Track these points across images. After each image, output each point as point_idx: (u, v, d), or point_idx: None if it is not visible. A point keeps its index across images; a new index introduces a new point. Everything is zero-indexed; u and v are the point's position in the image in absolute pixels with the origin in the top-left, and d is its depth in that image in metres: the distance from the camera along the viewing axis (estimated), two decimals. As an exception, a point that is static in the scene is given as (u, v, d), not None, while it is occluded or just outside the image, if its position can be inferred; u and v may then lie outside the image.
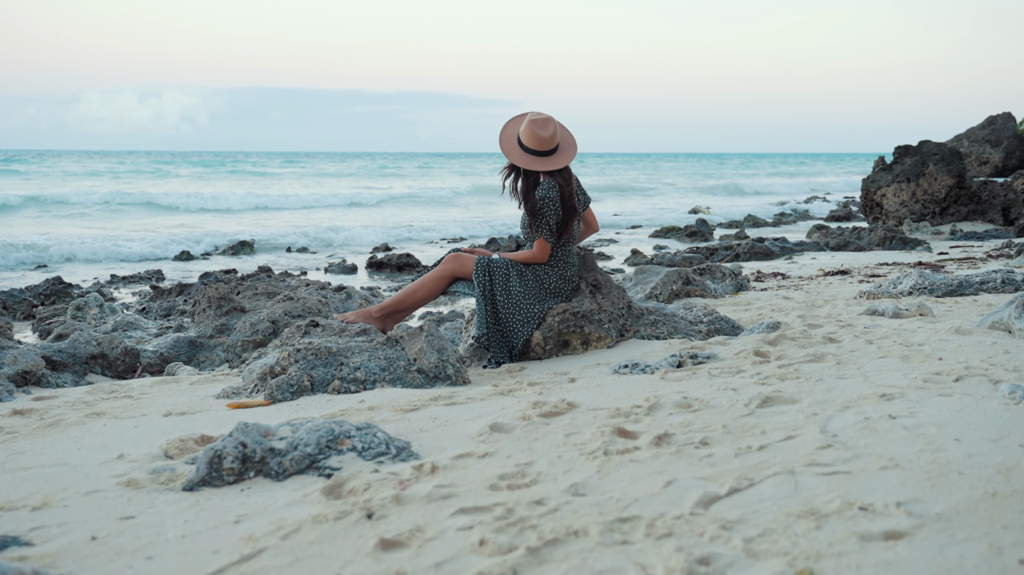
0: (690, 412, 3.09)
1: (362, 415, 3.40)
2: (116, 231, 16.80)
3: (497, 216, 22.02)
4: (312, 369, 4.09)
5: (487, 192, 32.10)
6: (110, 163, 54.66)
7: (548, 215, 4.73)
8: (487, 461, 2.60)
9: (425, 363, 4.12)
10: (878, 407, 2.98)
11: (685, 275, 7.09)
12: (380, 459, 2.69)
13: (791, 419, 2.89)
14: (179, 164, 56.16)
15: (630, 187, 38.35)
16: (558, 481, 2.34)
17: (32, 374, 4.63)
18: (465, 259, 4.85)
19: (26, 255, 12.76)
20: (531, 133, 4.77)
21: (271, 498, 2.41)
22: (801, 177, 51.87)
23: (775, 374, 3.69)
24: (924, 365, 3.71)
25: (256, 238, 15.49)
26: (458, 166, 69.40)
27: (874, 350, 4.13)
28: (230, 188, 30.47)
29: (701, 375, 3.83)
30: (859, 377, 3.54)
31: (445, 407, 3.45)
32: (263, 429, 2.76)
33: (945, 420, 2.74)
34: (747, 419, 2.93)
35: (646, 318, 5.08)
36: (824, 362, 3.93)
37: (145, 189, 25.55)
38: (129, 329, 6.62)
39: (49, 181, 33.72)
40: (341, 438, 2.76)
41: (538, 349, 4.80)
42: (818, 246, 13.27)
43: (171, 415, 3.68)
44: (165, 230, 16.99)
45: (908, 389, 3.23)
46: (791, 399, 3.20)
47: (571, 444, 2.71)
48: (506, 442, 2.80)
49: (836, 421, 2.82)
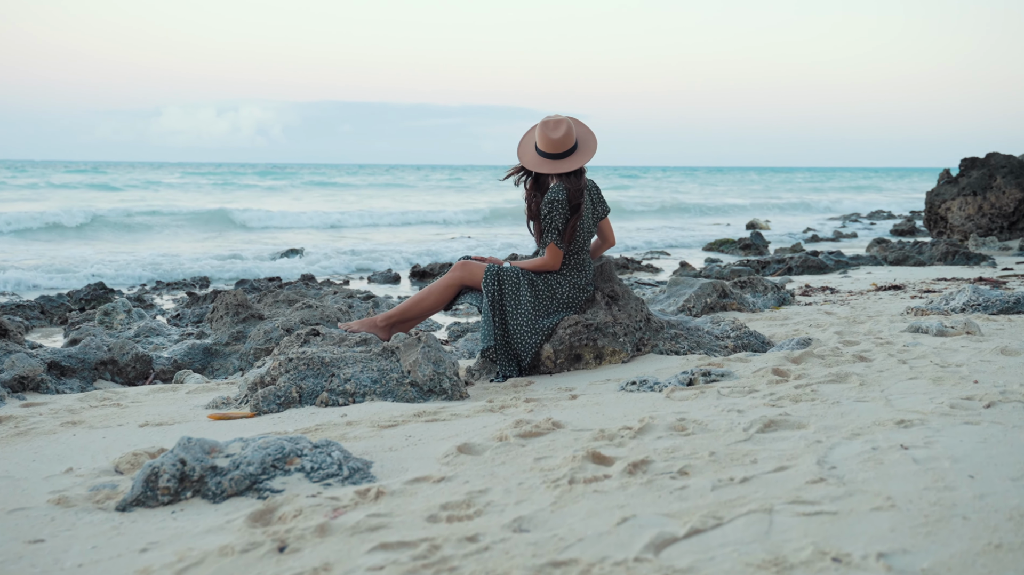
0: (682, 436, 2.81)
1: (338, 430, 3.19)
2: (190, 246, 16.76)
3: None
4: (302, 380, 3.90)
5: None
6: (193, 175, 55.67)
7: (556, 219, 4.48)
8: (440, 487, 2.36)
9: (419, 376, 3.90)
10: (891, 435, 2.66)
11: (721, 288, 6.76)
12: (328, 481, 2.47)
13: (790, 447, 2.60)
14: (263, 177, 56.79)
15: (688, 200, 37.77)
16: (505, 513, 2.09)
17: (30, 379, 4.53)
18: (474, 267, 4.62)
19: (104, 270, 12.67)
20: (543, 136, 4.54)
21: (195, 523, 2.20)
22: (870, 192, 50.50)
23: (789, 395, 3.38)
24: (956, 388, 3.36)
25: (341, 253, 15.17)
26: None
27: (905, 371, 3.78)
28: (328, 204, 30.27)
29: (709, 394, 3.54)
30: (880, 400, 3.22)
31: (425, 424, 3.22)
32: (208, 445, 2.56)
33: (964, 453, 2.42)
34: (741, 445, 2.64)
35: (666, 332, 4.79)
36: (846, 383, 3.61)
37: (226, 204, 25.82)
38: (151, 335, 6.54)
39: (137, 194, 34.10)
40: (291, 457, 2.55)
41: (548, 363, 4.54)
42: (875, 260, 12.74)
43: (147, 426, 3.52)
44: (237, 244, 16.97)
45: (931, 415, 2.90)
46: (798, 424, 2.90)
47: (538, 470, 2.45)
48: (470, 466, 2.56)
49: (839, 451, 2.52)
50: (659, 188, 52.44)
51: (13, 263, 12.85)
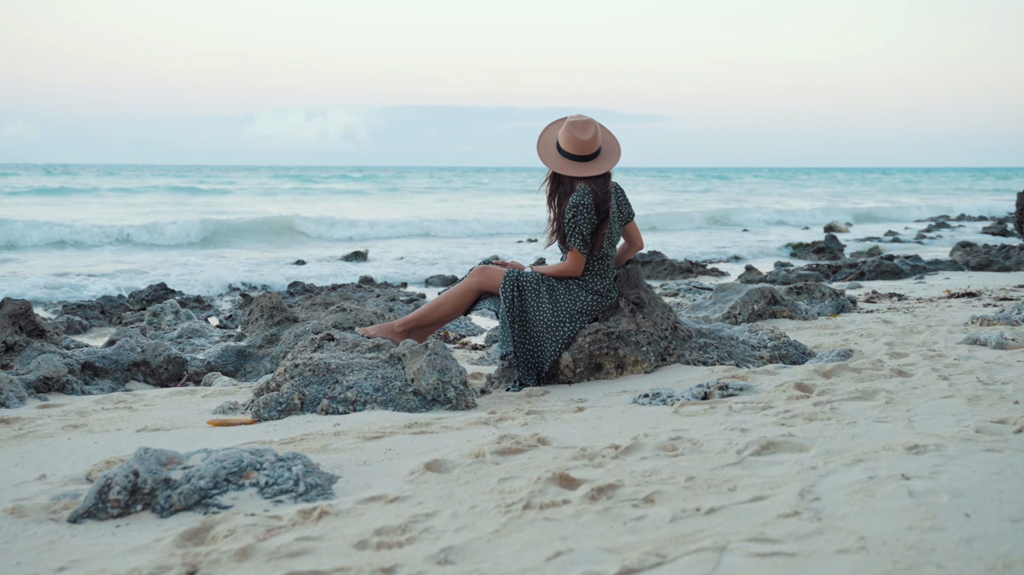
0: (668, 457, 2.62)
1: (322, 441, 3.08)
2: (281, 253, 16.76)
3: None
4: (306, 387, 3.82)
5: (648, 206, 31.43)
6: (280, 179, 56.56)
7: (581, 224, 4.30)
8: (390, 508, 2.23)
9: (423, 384, 3.78)
10: (897, 462, 2.42)
11: (770, 294, 6.47)
12: (280, 498, 2.37)
13: (779, 473, 2.38)
14: (345, 180, 57.34)
15: (766, 202, 36.89)
16: (439, 541, 1.94)
17: (55, 380, 4.57)
18: (493, 272, 4.48)
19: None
20: (570, 136, 4.36)
21: (129, 540, 2.11)
22: (968, 195, 48.31)
23: (804, 413, 3.14)
24: (991, 409, 3.08)
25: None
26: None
27: (942, 388, 3.50)
28: (407, 209, 30.12)
29: (720, 410, 3.32)
30: (902, 421, 2.96)
31: (412, 436, 3.10)
32: (166, 456, 2.48)
33: (970, 485, 2.18)
34: (727, 470, 2.44)
35: (694, 341, 4.57)
36: (872, 400, 3.35)
37: (326, 212, 26.09)
38: (194, 337, 6.59)
39: (236, 200, 34.39)
40: (248, 471, 2.45)
41: (567, 372, 4.37)
42: (956, 265, 12.13)
43: (144, 431, 3.48)
44: (312, 250, 17.05)
45: (950, 440, 2.65)
46: (799, 446, 2.68)
47: (497, 492, 2.30)
48: (432, 485, 2.42)
49: (832, 479, 2.30)
50: (740, 190, 51.46)
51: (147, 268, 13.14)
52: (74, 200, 31.33)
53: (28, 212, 24.35)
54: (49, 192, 35.79)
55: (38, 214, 23.59)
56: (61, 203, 29.72)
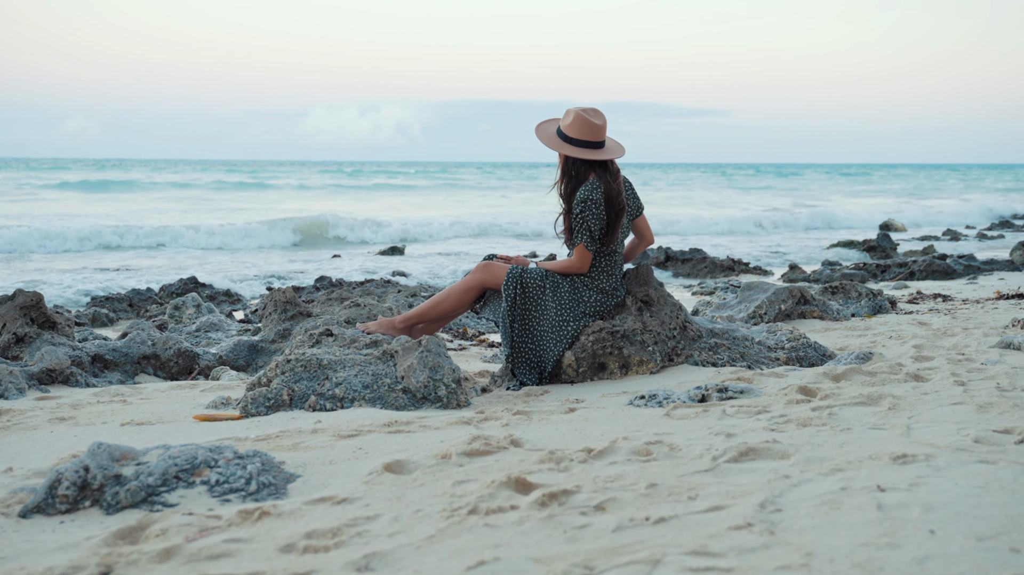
0: (640, 462, 2.50)
1: (296, 439, 3.02)
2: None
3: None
4: (296, 382, 3.76)
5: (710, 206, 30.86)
6: (337, 174, 56.65)
7: (589, 219, 4.18)
8: (335, 510, 2.15)
9: (413, 382, 3.70)
10: (878, 473, 2.27)
11: (799, 294, 6.26)
12: (228, 497, 2.30)
13: (749, 481, 2.25)
14: (415, 175, 57.02)
15: (822, 200, 36.17)
16: (368, 546, 1.86)
17: (58, 372, 4.60)
18: (497, 268, 4.38)
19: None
20: (584, 121, 4.24)
21: (65, 536, 2.07)
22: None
23: (800, 418, 2.99)
24: (999, 418, 2.90)
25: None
26: (677, 177, 66.05)
27: (955, 394, 3.31)
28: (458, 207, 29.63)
29: (712, 414, 3.18)
30: (899, 428, 2.80)
31: (387, 435, 3.02)
32: (119, 452, 2.44)
33: (947, 500, 2.02)
34: (694, 477, 2.31)
35: (704, 341, 4.41)
36: (875, 406, 3.18)
37: (374, 208, 26.06)
38: (211, 330, 6.60)
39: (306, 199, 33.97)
40: (201, 468, 2.40)
41: (570, 371, 4.25)
42: (1012, 266, 11.69)
43: (129, 425, 3.46)
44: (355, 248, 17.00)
45: (943, 450, 2.48)
46: (781, 453, 2.54)
47: (448, 495, 2.21)
48: (385, 487, 2.33)
49: (802, 490, 2.16)
50: (797, 186, 50.56)
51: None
52: (126, 197, 31.75)
53: (80, 207, 24.90)
54: (106, 187, 36.25)
55: (93, 209, 24.11)
56: (115, 199, 30.20)
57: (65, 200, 28.67)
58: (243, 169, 68.31)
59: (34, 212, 22.85)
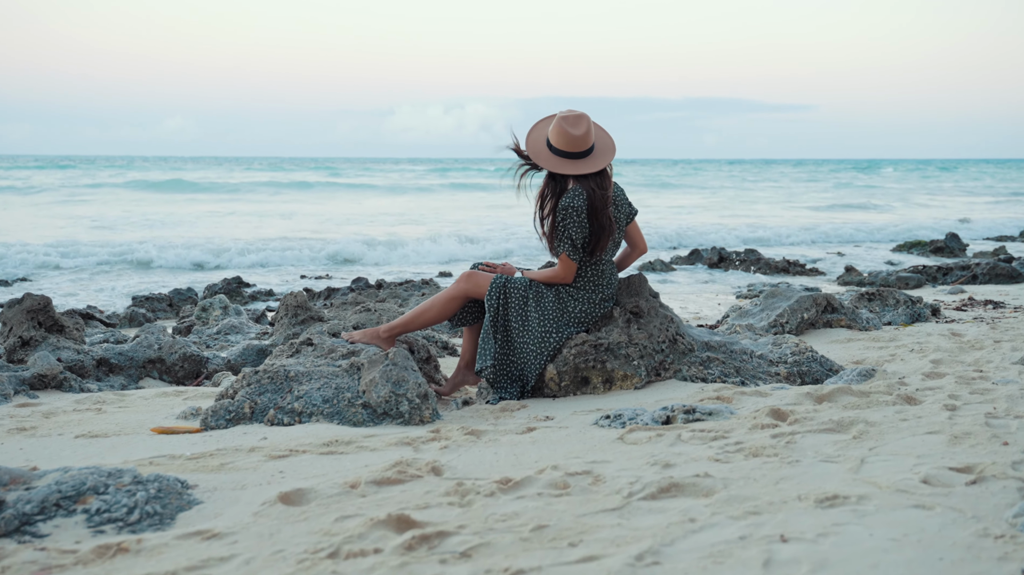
0: (551, 496, 2.34)
1: (225, 458, 2.94)
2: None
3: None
4: (260, 395, 3.69)
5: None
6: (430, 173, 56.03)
7: (570, 227, 4.00)
8: (199, 547, 2.05)
9: (373, 397, 3.59)
10: (794, 518, 2.07)
11: (824, 301, 5.95)
12: (103, 527, 2.22)
13: (650, 524, 2.07)
14: (494, 173, 56.00)
15: (906, 197, 34.91)
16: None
17: (50, 378, 4.63)
18: (481, 278, 4.23)
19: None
20: (561, 131, 4.07)
21: (-81, 567, 2.01)
22: None
23: (754, 447, 2.78)
24: (967, 452, 2.64)
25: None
26: (775, 173, 63.95)
27: (937, 422, 3.05)
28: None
29: (666, 439, 2.99)
30: (852, 462, 2.57)
31: (317, 458, 2.91)
32: (8, 475, 2.39)
33: (847, 555, 1.82)
34: (595, 518, 2.14)
35: (695, 355, 4.20)
36: (843, 433, 2.95)
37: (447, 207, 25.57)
38: (231, 333, 6.62)
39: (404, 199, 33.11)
40: (87, 494, 2.33)
41: (552, 385, 4.09)
42: (1089, 268, 11.02)
43: (83, 437, 3.43)
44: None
45: (884, 491, 2.26)
46: (706, 490, 2.34)
47: (321, 534, 2.08)
48: (268, 520, 2.22)
49: (698, 537, 1.97)
50: (879, 183, 48.99)
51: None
52: (218, 199, 30.98)
53: (167, 208, 25.45)
54: (196, 188, 35.74)
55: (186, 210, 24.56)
56: (209, 201, 29.66)
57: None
58: (332, 166, 68.93)
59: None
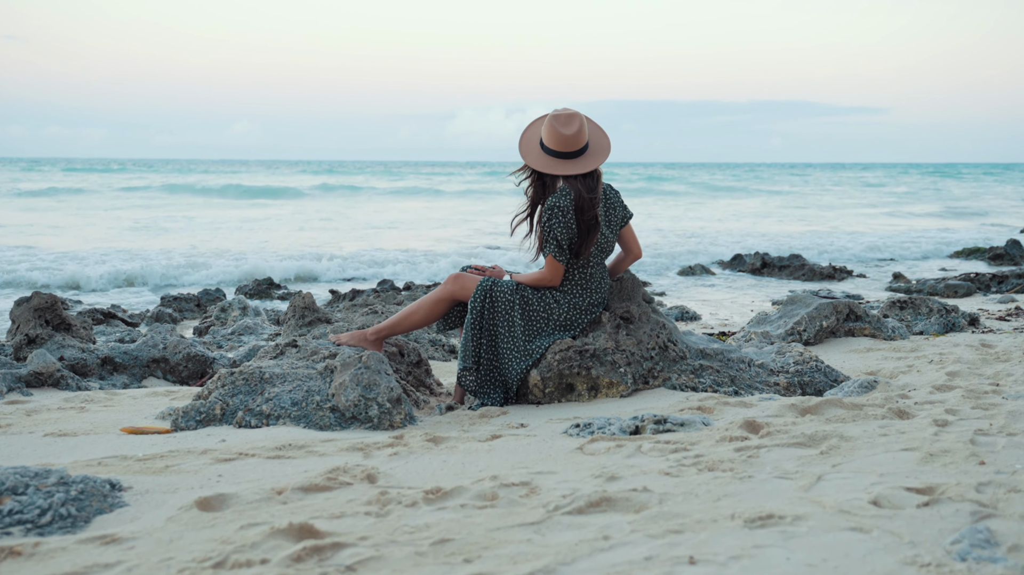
0: (474, 508, 2.24)
1: (180, 459, 2.90)
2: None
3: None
4: (233, 396, 3.66)
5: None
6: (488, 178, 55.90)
7: (556, 227, 3.89)
8: (95, 551, 2.00)
9: (342, 401, 3.52)
10: (716, 539, 1.94)
11: (845, 309, 5.72)
12: (11, 530, 2.19)
13: (560, 541, 1.96)
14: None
15: (975, 197, 33.81)
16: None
17: (47, 375, 4.67)
18: (467, 280, 4.15)
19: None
20: (552, 131, 3.97)
21: None
22: None
23: (712, 460, 2.65)
24: (937, 471, 2.47)
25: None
26: (842, 178, 62.27)
27: (919, 438, 2.87)
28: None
29: (625, 450, 2.86)
30: (807, 479, 2.42)
31: (263, 462, 2.85)
32: (-66, 474, 2.37)
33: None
34: (506, 533, 2.04)
35: (687, 363, 4.04)
36: (812, 448, 2.79)
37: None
38: (245, 334, 6.65)
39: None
40: (3, 495, 2.30)
41: (536, 391, 3.98)
42: None
43: (50, 436, 3.43)
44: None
45: (825, 511, 2.11)
46: (637, 506, 2.22)
47: (219, 542, 2.02)
48: (178, 526, 2.17)
49: (603, 556, 1.86)
50: (953, 188, 47.61)
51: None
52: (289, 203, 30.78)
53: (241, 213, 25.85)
54: (269, 193, 35.65)
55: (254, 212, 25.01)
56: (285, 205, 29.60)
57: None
58: (396, 170, 69.40)
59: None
